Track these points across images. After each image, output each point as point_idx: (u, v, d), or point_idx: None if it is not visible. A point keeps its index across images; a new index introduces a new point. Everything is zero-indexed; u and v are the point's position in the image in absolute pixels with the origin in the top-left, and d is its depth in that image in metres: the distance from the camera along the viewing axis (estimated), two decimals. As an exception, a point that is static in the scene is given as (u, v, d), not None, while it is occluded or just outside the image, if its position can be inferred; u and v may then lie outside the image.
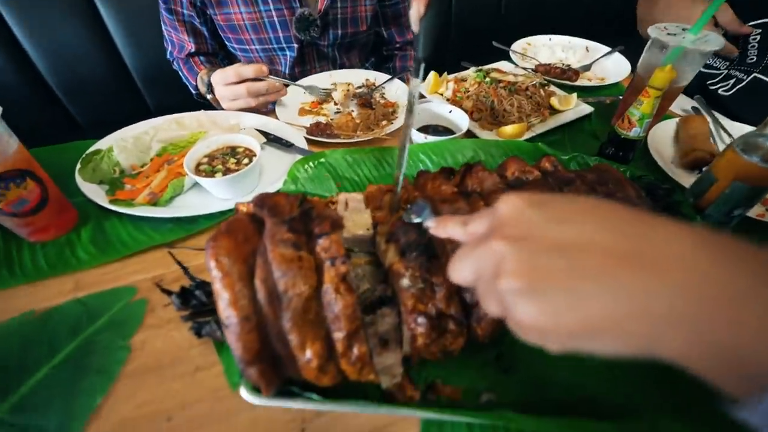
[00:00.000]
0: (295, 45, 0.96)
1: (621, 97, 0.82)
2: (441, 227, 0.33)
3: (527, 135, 0.74)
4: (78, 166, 0.66)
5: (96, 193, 0.62)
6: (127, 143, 0.68)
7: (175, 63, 0.99)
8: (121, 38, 1.05)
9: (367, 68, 1.09)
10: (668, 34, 0.64)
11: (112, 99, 1.13)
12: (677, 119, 0.76)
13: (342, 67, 1.07)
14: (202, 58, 0.96)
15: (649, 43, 0.67)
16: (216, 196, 0.63)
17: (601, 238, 0.21)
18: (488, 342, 0.45)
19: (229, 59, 1.05)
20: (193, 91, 0.96)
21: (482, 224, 0.27)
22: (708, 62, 0.93)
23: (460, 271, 0.27)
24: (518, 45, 1.07)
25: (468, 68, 0.93)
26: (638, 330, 0.19)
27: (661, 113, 0.75)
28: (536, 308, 0.21)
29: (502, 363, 0.46)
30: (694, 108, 0.83)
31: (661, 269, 0.19)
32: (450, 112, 0.73)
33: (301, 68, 1.03)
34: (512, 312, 0.23)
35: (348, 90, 0.86)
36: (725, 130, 0.75)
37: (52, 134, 0.75)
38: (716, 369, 0.18)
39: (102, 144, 0.70)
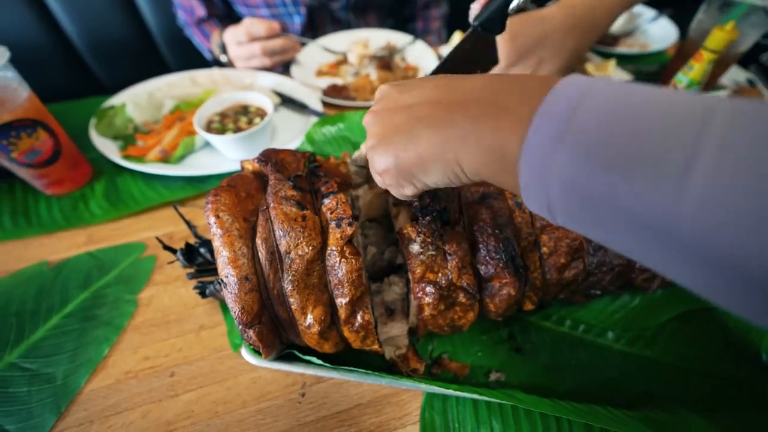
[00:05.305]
0: (303, 8, 0.90)
1: (665, 66, 0.74)
2: None
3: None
4: (92, 120, 0.65)
5: (109, 149, 0.62)
6: (140, 99, 0.67)
7: (187, 29, 0.95)
8: (146, 3, 1.03)
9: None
10: (731, -10, 0.57)
11: (135, 63, 1.12)
12: (728, 91, 0.69)
13: None
14: (214, 20, 0.92)
15: (706, 2, 0.60)
16: (226, 155, 0.61)
17: (432, 95, 0.25)
18: (501, 320, 0.43)
19: None
20: (208, 57, 0.93)
21: None
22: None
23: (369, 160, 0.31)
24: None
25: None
26: (449, 154, 0.23)
27: (712, 81, 0.67)
28: (384, 154, 0.26)
29: (513, 342, 0.44)
30: (748, 80, 0.75)
31: (464, 106, 0.23)
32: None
33: (312, 34, 0.96)
34: (373, 166, 0.28)
35: (364, 49, 0.81)
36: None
37: (74, 96, 0.75)
38: (497, 172, 0.22)
39: (116, 100, 0.69)
